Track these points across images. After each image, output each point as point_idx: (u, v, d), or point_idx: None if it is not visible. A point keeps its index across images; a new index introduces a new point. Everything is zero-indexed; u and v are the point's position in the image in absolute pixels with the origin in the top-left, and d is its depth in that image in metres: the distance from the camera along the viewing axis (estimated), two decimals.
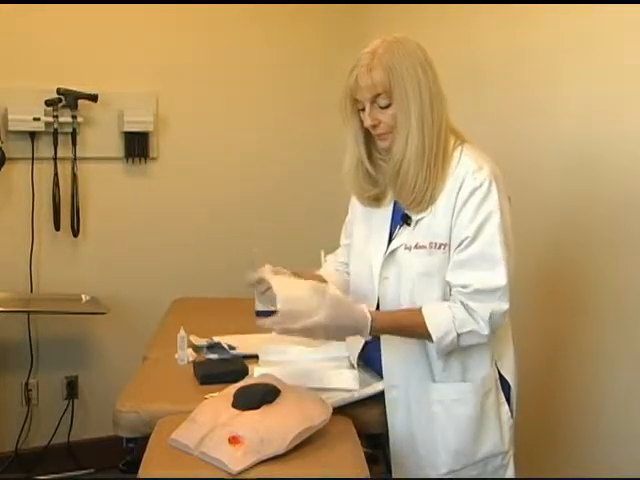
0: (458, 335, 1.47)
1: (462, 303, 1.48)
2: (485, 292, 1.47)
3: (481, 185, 1.47)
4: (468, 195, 1.48)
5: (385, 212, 1.62)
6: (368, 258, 1.63)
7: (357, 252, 1.70)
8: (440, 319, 1.47)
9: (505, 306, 1.48)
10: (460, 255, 1.49)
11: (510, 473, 1.63)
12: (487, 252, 1.47)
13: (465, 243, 1.48)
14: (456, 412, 1.56)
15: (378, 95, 1.48)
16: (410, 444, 1.59)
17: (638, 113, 1.78)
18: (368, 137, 1.59)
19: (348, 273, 1.79)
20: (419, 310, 1.49)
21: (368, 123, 1.52)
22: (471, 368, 1.56)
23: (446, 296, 1.53)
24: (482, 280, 1.47)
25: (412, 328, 1.50)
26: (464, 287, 1.48)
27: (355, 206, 1.71)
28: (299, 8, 3.02)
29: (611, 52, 1.85)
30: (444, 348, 1.50)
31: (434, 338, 1.47)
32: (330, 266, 1.83)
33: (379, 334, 1.52)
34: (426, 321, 1.47)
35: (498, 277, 1.46)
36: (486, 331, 1.47)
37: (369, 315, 1.46)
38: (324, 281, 1.73)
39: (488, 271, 1.47)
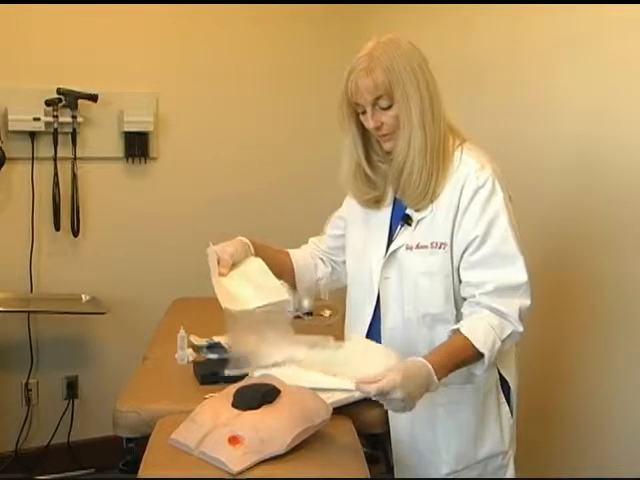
0: (502, 342, 1.44)
1: (490, 307, 1.45)
2: (508, 289, 1.45)
3: (485, 184, 1.47)
4: (472, 194, 1.48)
5: (384, 213, 1.62)
6: (368, 258, 1.62)
7: (356, 253, 1.70)
8: (483, 334, 1.42)
9: (528, 302, 1.46)
10: (474, 256, 1.48)
11: (510, 473, 1.63)
12: (502, 250, 1.46)
13: (476, 243, 1.47)
14: (457, 413, 1.56)
15: (379, 97, 1.47)
16: (412, 445, 1.60)
17: (637, 112, 1.78)
18: (366, 140, 1.59)
19: (323, 260, 1.80)
20: (458, 335, 1.43)
21: (371, 126, 1.51)
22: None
23: (449, 294, 1.52)
24: (503, 278, 1.45)
25: (462, 355, 1.42)
26: (482, 286, 1.46)
27: (353, 206, 1.70)
28: (299, 8, 3.02)
29: (610, 51, 1.85)
30: (493, 361, 1.45)
31: (487, 354, 1.41)
32: (307, 249, 1.83)
33: (440, 377, 1.36)
34: (472, 341, 1.41)
35: (518, 273, 1.46)
36: (521, 328, 1.45)
37: (428, 364, 1.35)
38: (289, 259, 1.75)
39: (507, 268, 1.46)
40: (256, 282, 1.57)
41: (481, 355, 1.41)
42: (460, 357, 1.42)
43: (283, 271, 1.70)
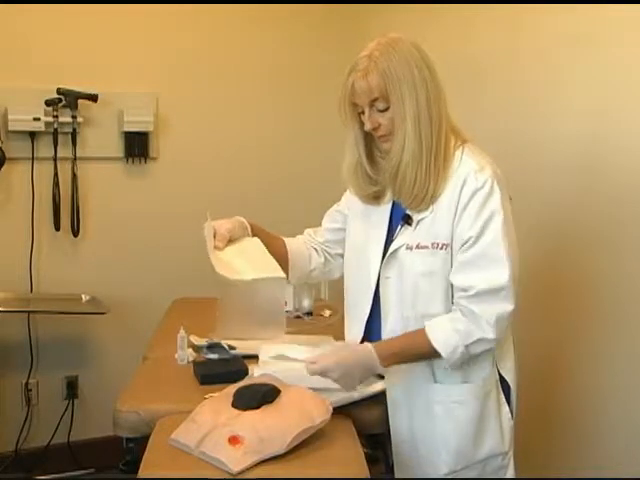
0: (466, 347, 1.47)
1: (466, 309, 1.47)
2: (488, 293, 1.46)
3: (483, 185, 1.47)
4: (470, 196, 1.48)
5: (384, 210, 1.63)
6: (367, 256, 1.63)
7: (355, 249, 1.70)
8: (445, 335, 1.47)
9: (510, 307, 1.47)
10: (463, 256, 1.49)
11: (510, 473, 1.63)
12: (490, 252, 1.47)
13: (468, 244, 1.48)
14: (457, 413, 1.56)
15: (375, 99, 1.48)
16: (411, 444, 1.60)
17: (638, 112, 1.78)
18: (368, 137, 1.59)
19: (317, 250, 1.81)
20: (422, 330, 1.49)
21: (368, 127, 1.52)
22: (472, 369, 1.56)
23: (448, 294, 1.53)
24: (485, 280, 1.46)
25: (418, 349, 1.50)
26: (467, 290, 1.47)
27: (353, 202, 1.71)
28: (299, 8, 3.02)
29: (611, 51, 1.85)
30: (455, 362, 1.50)
31: (444, 355, 1.47)
32: (301, 239, 1.84)
33: (389, 362, 1.51)
34: (431, 340, 1.47)
35: (501, 276, 1.46)
36: (492, 335, 1.47)
37: (369, 345, 1.51)
38: (284, 245, 1.76)
39: (491, 271, 1.46)
40: (253, 259, 1.59)
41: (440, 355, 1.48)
42: (415, 351, 1.51)
43: (278, 257, 1.69)
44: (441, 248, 1.51)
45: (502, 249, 1.46)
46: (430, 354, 1.49)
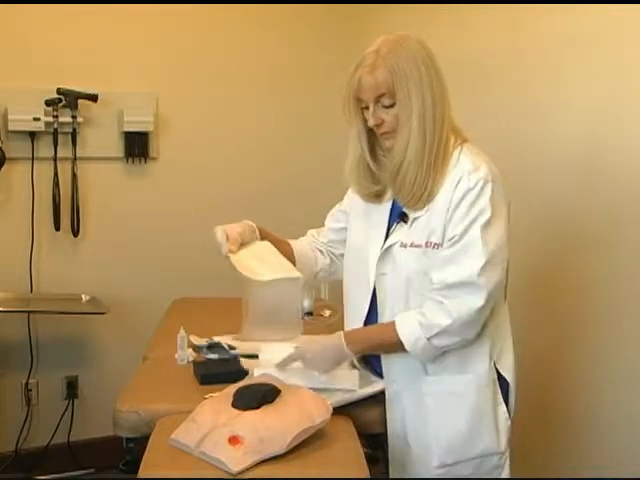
0: (428, 339, 1.49)
1: (436, 301, 1.49)
2: (456, 286, 1.47)
3: (475, 186, 1.48)
4: (462, 196, 1.48)
5: (384, 209, 1.63)
6: (365, 254, 1.63)
7: (354, 247, 1.71)
8: (411, 328, 1.50)
9: (479, 302, 1.46)
10: (444, 253, 1.50)
11: (506, 474, 1.63)
12: (468, 249, 1.47)
13: (452, 241, 1.49)
14: (449, 406, 1.56)
15: (382, 95, 1.49)
16: (404, 437, 1.60)
17: (638, 112, 1.78)
18: (371, 134, 1.59)
19: (322, 252, 1.83)
20: (392, 323, 1.53)
21: (372, 123, 1.52)
22: (467, 363, 1.56)
23: None
24: (455, 273, 1.47)
25: (388, 339, 1.54)
26: (439, 283, 1.49)
27: (355, 200, 1.71)
28: (299, 8, 3.02)
29: (611, 51, 1.85)
30: (420, 354, 1.52)
31: (407, 347, 1.50)
32: (305, 240, 1.85)
33: (358, 349, 1.57)
34: (398, 331, 1.51)
35: (472, 271, 1.46)
36: (453, 328, 1.47)
37: (341, 332, 1.58)
38: (290, 249, 1.78)
39: (463, 265, 1.47)
40: (268, 261, 1.61)
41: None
42: (385, 342, 1.55)
43: None
44: (434, 247, 1.52)
45: (480, 247, 1.46)
46: (398, 345, 1.51)
